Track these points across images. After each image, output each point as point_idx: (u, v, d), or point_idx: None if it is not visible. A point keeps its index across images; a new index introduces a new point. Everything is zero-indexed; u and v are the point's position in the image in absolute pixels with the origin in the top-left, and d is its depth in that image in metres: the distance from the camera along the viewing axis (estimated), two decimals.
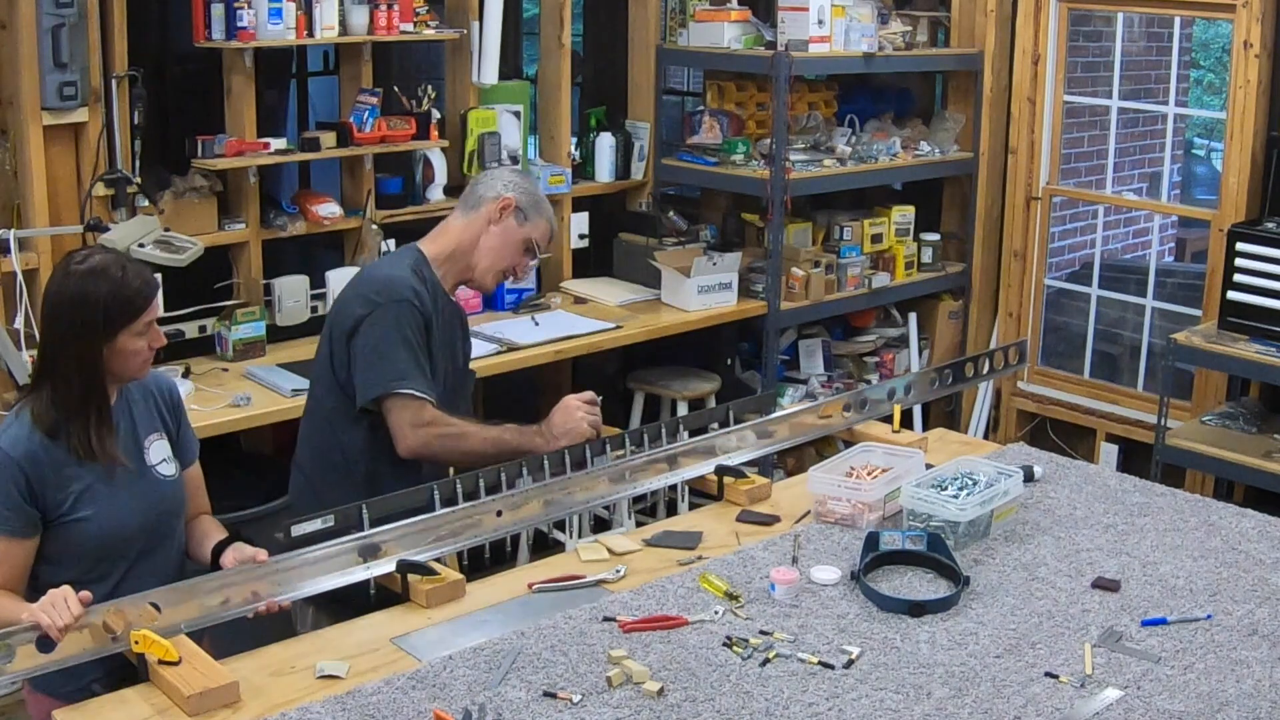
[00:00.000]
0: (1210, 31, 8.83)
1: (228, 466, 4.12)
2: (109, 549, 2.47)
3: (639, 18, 5.42)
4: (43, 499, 2.40)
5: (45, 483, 2.40)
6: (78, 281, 2.42)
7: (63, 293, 2.43)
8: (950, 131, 5.79)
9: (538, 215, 3.07)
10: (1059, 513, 3.00)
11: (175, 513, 2.62)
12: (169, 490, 2.59)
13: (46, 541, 2.43)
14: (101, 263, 2.45)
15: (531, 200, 3.07)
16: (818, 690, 2.23)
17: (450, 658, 2.32)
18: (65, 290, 2.43)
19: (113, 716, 2.17)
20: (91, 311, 2.40)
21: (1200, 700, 2.22)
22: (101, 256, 2.49)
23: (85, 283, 2.42)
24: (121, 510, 2.47)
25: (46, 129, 3.86)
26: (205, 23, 4.10)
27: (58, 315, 2.44)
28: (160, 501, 2.56)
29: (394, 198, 4.72)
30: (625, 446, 3.07)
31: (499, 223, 3.02)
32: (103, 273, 2.43)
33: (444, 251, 3.03)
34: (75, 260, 2.47)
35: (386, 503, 2.70)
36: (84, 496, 2.43)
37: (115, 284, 2.42)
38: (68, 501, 2.42)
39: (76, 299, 2.41)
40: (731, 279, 5.14)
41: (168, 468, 2.59)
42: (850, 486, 2.92)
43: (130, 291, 2.44)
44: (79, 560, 2.43)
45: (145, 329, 2.47)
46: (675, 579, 2.64)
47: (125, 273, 2.45)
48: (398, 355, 2.86)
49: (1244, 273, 4.75)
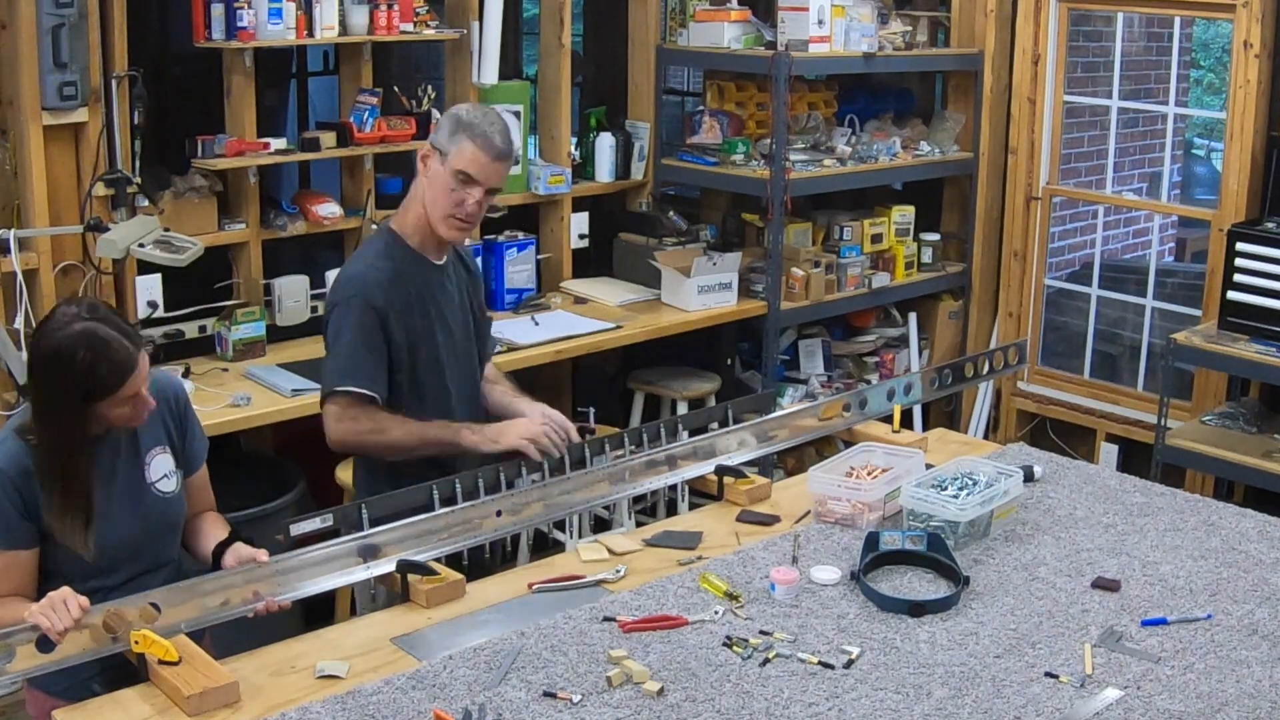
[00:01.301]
0: (1210, 31, 8.83)
1: (228, 466, 4.11)
2: (102, 565, 2.43)
3: (639, 18, 5.42)
4: (37, 514, 2.37)
5: (39, 497, 2.36)
6: (56, 343, 2.31)
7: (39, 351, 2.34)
8: (950, 131, 5.79)
9: (457, 142, 2.84)
10: (1059, 513, 3.00)
11: (174, 529, 2.58)
12: (167, 508, 2.54)
13: (44, 556, 2.41)
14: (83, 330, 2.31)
15: (452, 128, 2.86)
16: (818, 690, 2.23)
17: (450, 658, 2.32)
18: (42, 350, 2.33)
19: (113, 716, 2.18)
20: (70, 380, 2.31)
21: (1200, 700, 2.22)
22: (85, 323, 2.33)
23: (63, 346, 2.31)
24: (116, 528, 2.44)
25: (46, 129, 3.86)
26: (205, 23, 4.09)
27: (34, 373, 2.36)
28: (158, 519, 2.52)
29: (394, 198, 4.71)
30: (625, 446, 3.07)
31: (425, 172, 2.90)
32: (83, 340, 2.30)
33: (409, 221, 2.98)
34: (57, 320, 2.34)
35: (386, 502, 2.70)
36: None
37: (90, 359, 2.31)
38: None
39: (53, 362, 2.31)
40: (731, 279, 5.14)
41: (168, 484, 2.54)
42: (850, 486, 2.92)
43: (103, 372, 2.32)
44: (73, 575, 2.38)
45: (126, 401, 2.37)
46: (675, 579, 2.64)
47: (107, 347, 2.32)
48: (339, 354, 2.88)
49: (1244, 273, 4.74)
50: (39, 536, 2.39)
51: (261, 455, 4.53)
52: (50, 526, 2.38)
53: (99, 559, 2.42)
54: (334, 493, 4.18)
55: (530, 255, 5.07)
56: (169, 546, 2.58)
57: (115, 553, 2.45)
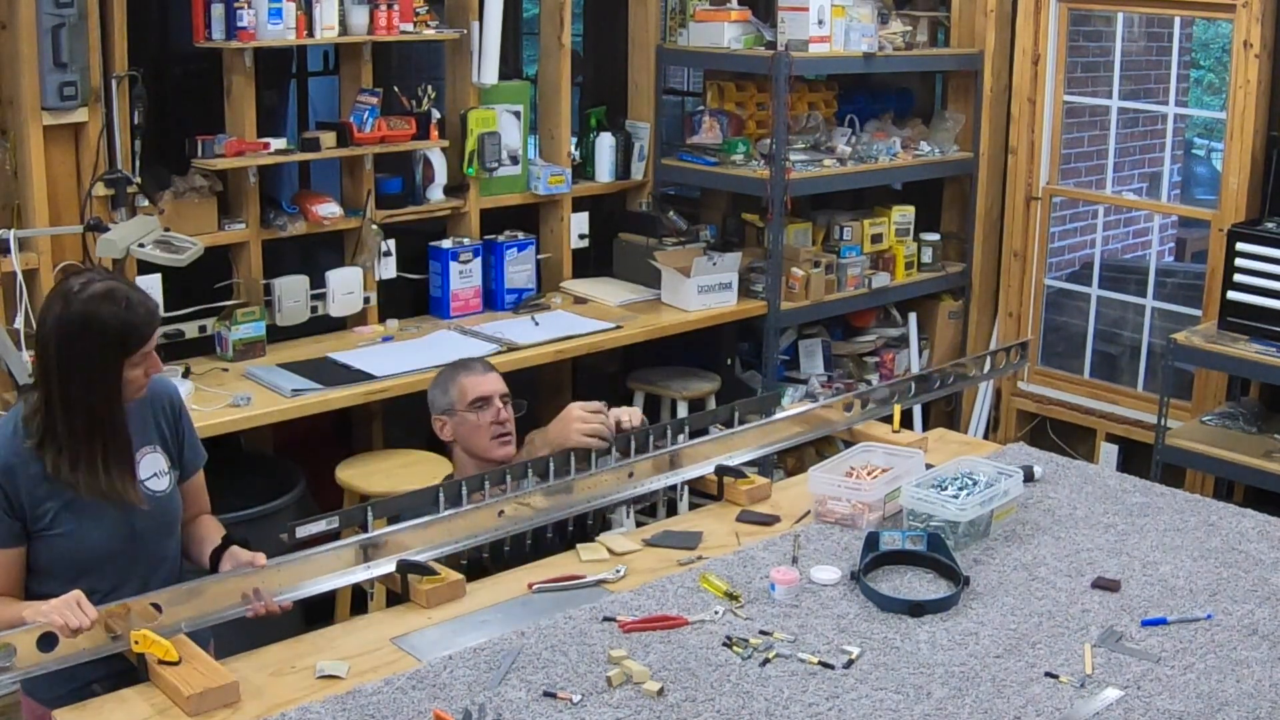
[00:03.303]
0: (1210, 31, 8.83)
1: (228, 466, 4.13)
2: (90, 565, 2.40)
3: (639, 18, 5.42)
4: (22, 511, 2.36)
5: (23, 496, 2.35)
6: (82, 308, 2.31)
7: (66, 320, 2.32)
8: (950, 131, 5.79)
9: (455, 389, 3.13)
10: (1059, 513, 3.00)
11: (165, 529, 2.54)
12: (158, 507, 2.50)
13: (30, 553, 2.39)
14: (105, 288, 2.34)
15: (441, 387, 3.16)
16: (818, 690, 2.23)
17: (450, 658, 2.32)
18: (69, 317, 2.31)
19: (113, 716, 2.17)
20: (102, 336, 2.31)
21: (1200, 700, 2.22)
22: (103, 283, 2.36)
23: (90, 309, 2.31)
24: (102, 527, 2.41)
25: (46, 129, 3.86)
26: (205, 23, 4.09)
27: (62, 344, 2.32)
28: (147, 519, 2.47)
29: (394, 198, 4.72)
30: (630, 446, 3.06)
31: (454, 435, 3.14)
32: (108, 297, 2.33)
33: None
34: (74, 287, 2.34)
35: (390, 505, 2.70)
36: (62, 512, 2.38)
37: (123, 310, 2.33)
38: (46, 516, 2.37)
39: (82, 327, 2.31)
40: (731, 279, 5.14)
41: (159, 483, 2.51)
42: (850, 486, 2.92)
43: (137, 319, 2.35)
44: (60, 574, 2.37)
45: (143, 359, 2.39)
46: (675, 579, 2.64)
47: (130, 300, 2.35)
48: None
49: (1244, 273, 4.75)
50: (25, 535, 2.38)
51: (261, 455, 4.53)
52: (96, 489, 2.36)
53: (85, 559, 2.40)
54: (334, 493, 4.18)
55: (530, 255, 5.07)
56: (162, 546, 2.54)
57: (102, 550, 2.42)
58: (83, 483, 2.36)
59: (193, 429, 2.65)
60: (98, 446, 2.37)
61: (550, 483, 2.86)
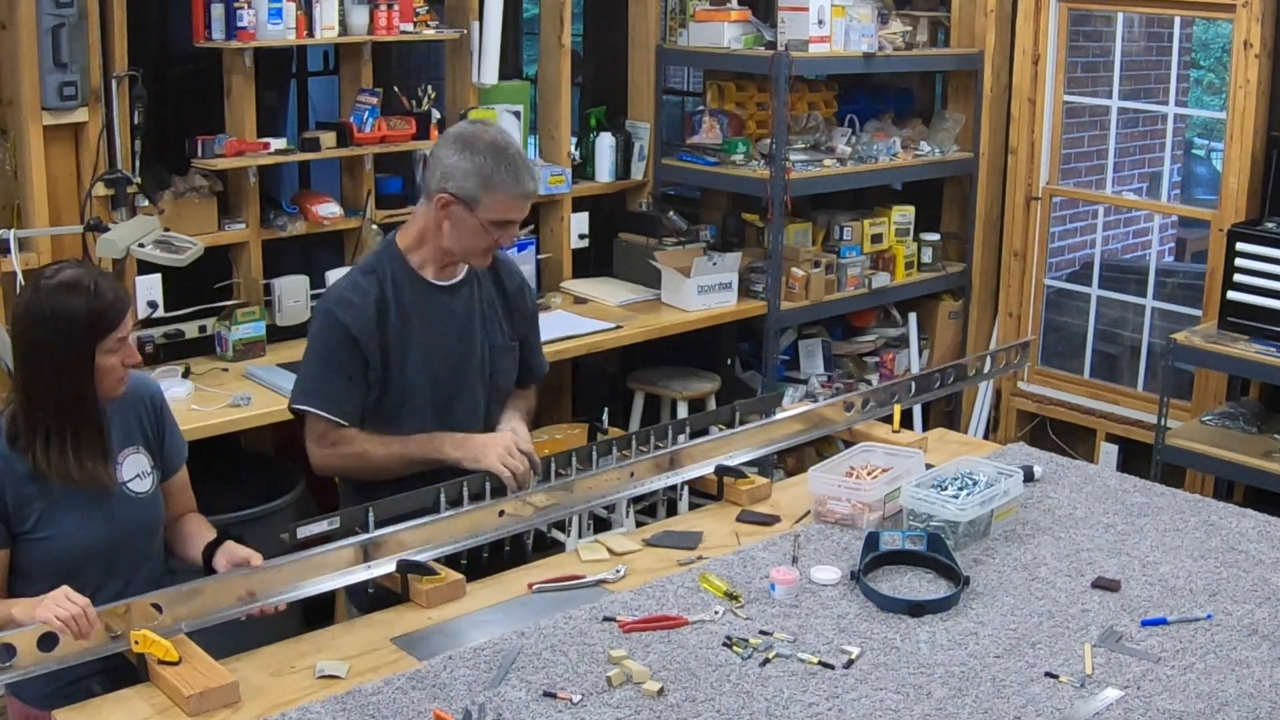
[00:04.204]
0: (1210, 31, 8.83)
1: (228, 466, 4.13)
2: (74, 567, 2.39)
3: (639, 18, 5.42)
4: (6, 513, 2.36)
5: (8, 498, 2.35)
6: (49, 296, 2.34)
7: (34, 308, 2.35)
8: (950, 131, 5.79)
9: (489, 192, 2.69)
10: (1059, 513, 3.00)
11: (148, 531, 2.54)
12: (140, 508, 2.50)
13: (13, 555, 2.39)
14: (73, 276, 2.37)
15: (477, 180, 2.68)
16: (818, 690, 2.23)
17: (450, 658, 2.32)
18: (37, 306, 2.35)
19: (113, 716, 2.17)
20: (68, 326, 2.33)
21: (1200, 700, 2.22)
22: (72, 270, 2.39)
23: (58, 297, 2.34)
24: (86, 529, 2.41)
25: (46, 129, 3.86)
26: (205, 23, 4.10)
27: (31, 333, 2.36)
28: (130, 520, 2.48)
29: (394, 198, 4.72)
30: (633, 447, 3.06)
31: (449, 219, 2.74)
32: (75, 286, 2.35)
33: (414, 240, 2.85)
34: (45, 275, 2.38)
35: (392, 505, 2.69)
36: (46, 514, 2.38)
37: (89, 297, 2.34)
38: (30, 519, 2.37)
39: (50, 315, 2.33)
40: (731, 279, 5.14)
41: (141, 484, 2.51)
42: (850, 486, 2.92)
43: (104, 305, 2.36)
44: (43, 576, 2.36)
45: (118, 345, 2.39)
46: (675, 579, 2.64)
47: (98, 286, 2.37)
48: (306, 370, 2.82)
49: (1244, 273, 4.75)
50: (9, 537, 2.38)
51: (261, 455, 4.53)
52: (67, 475, 2.37)
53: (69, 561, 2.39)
54: (334, 493, 4.16)
55: (530, 255, 5.07)
56: (145, 547, 2.53)
57: (85, 552, 2.41)
58: (55, 468, 2.36)
59: (174, 425, 2.64)
60: (68, 431, 2.37)
61: (551, 483, 2.86)
